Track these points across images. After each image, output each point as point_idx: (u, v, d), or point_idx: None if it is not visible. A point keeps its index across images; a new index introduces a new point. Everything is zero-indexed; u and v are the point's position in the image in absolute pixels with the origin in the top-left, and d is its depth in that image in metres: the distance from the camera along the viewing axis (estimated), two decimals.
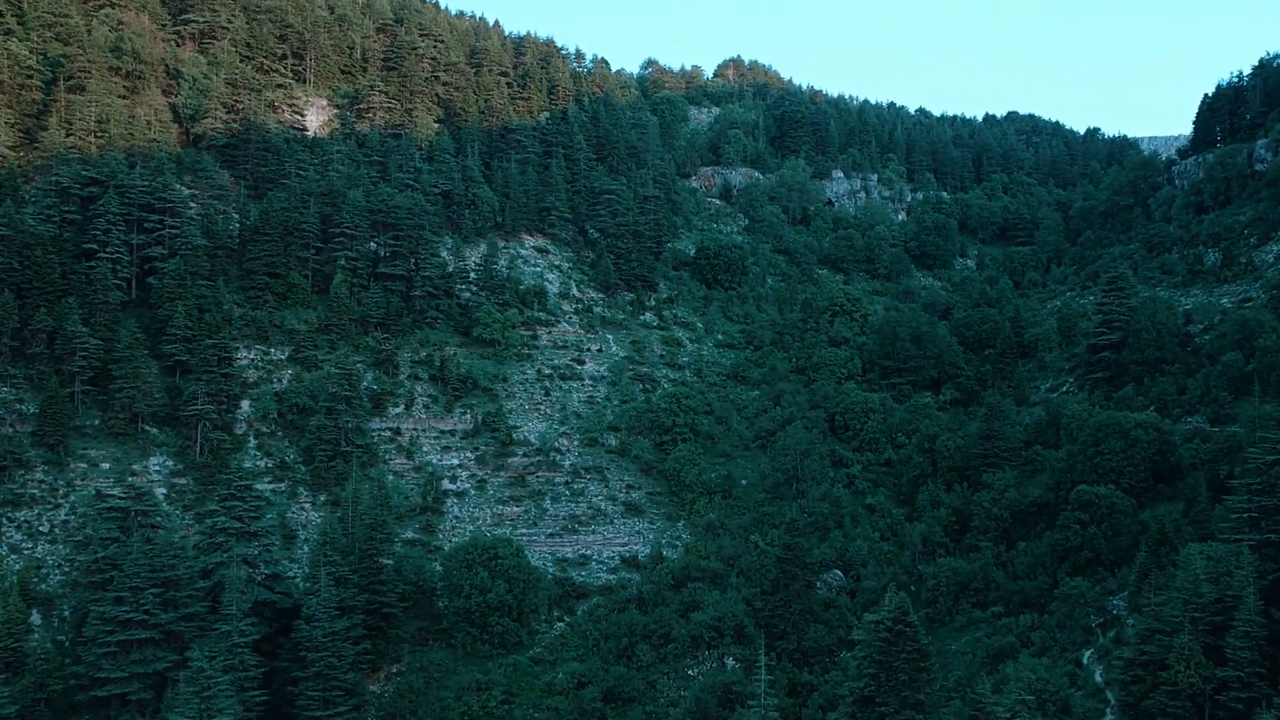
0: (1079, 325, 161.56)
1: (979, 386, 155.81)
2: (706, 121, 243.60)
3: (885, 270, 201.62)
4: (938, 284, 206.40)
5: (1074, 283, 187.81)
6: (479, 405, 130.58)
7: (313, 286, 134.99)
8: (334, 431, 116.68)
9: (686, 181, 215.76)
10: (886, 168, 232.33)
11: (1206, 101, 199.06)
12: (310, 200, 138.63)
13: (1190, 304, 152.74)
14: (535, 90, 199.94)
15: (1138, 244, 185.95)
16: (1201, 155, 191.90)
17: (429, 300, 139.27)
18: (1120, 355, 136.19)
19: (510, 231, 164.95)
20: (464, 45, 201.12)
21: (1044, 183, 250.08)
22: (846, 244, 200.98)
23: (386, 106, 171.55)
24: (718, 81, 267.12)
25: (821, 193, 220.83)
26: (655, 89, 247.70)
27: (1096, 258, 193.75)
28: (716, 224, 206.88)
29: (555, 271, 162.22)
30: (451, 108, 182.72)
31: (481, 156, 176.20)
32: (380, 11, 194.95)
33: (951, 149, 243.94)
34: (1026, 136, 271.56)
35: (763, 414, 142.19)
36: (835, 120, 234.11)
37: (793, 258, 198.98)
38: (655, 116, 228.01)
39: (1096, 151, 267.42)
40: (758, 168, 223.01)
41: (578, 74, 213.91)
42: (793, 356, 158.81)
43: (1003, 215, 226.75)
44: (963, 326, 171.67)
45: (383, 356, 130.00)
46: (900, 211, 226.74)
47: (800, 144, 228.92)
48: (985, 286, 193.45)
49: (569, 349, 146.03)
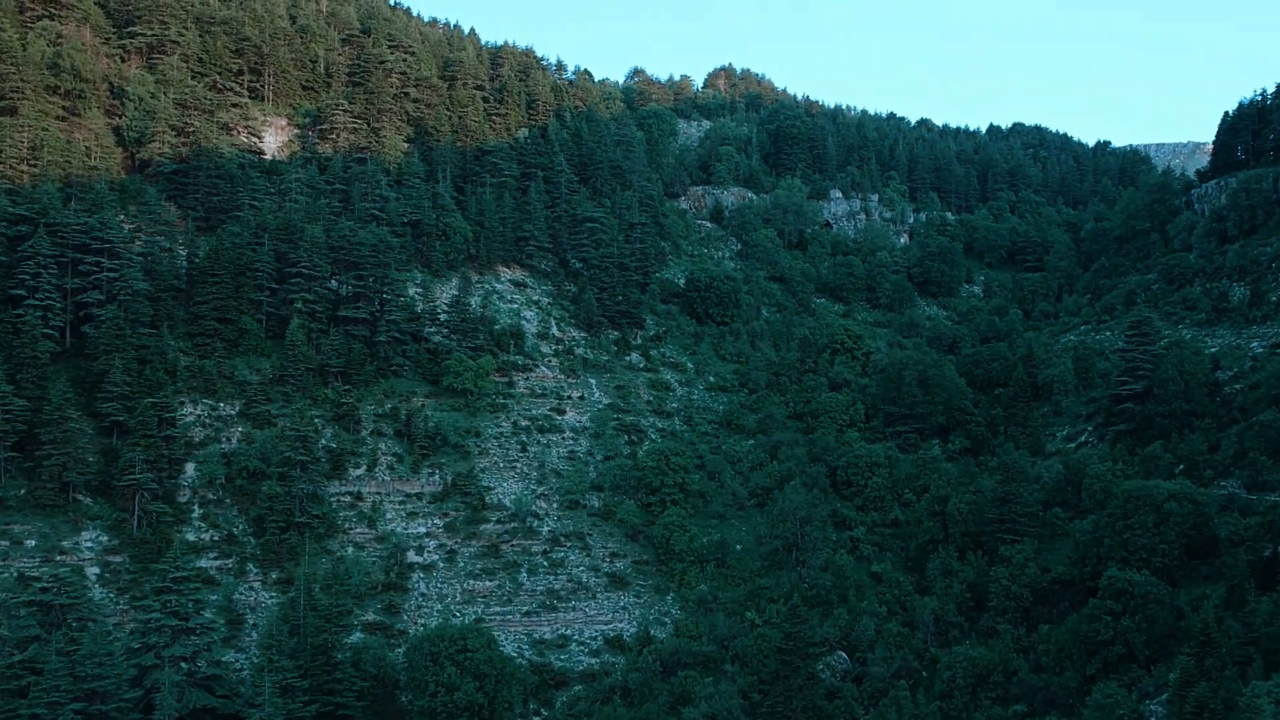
0: (1096, 365, 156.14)
1: (990, 433, 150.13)
2: (696, 136, 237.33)
3: (887, 300, 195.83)
4: (943, 314, 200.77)
5: (1088, 314, 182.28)
6: (449, 464, 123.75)
7: (267, 332, 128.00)
8: (287, 500, 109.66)
9: (675, 202, 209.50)
10: (888, 186, 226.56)
11: (1227, 121, 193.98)
12: (265, 236, 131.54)
13: (1216, 346, 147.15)
14: (513, 105, 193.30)
15: (1156, 274, 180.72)
16: (1223, 179, 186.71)
17: (395, 346, 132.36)
18: (1145, 407, 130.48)
19: (485, 263, 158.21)
20: (436, 57, 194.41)
21: (1053, 201, 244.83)
22: (846, 271, 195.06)
23: (351, 127, 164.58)
24: (708, 93, 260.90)
25: (819, 214, 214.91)
26: (642, 101, 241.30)
27: (1112, 287, 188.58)
28: (707, 249, 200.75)
29: (533, 308, 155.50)
30: (422, 126, 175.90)
31: (454, 181, 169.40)
32: (346, 21, 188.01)
33: (955, 165, 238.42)
34: (1034, 151, 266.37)
35: (758, 468, 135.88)
36: (833, 136, 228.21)
37: (789, 286, 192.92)
38: (641, 131, 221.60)
39: (1107, 167, 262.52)
40: (751, 187, 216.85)
41: (559, 87, 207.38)
42: (790, 400, 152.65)
43: (1010, 238, 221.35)
44: (971, 364, 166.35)
45: (343, 410, 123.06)
46: (903, 234, 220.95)
47: (796, 161, 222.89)
48: (994, 318, 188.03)
49: (548, 397, 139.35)
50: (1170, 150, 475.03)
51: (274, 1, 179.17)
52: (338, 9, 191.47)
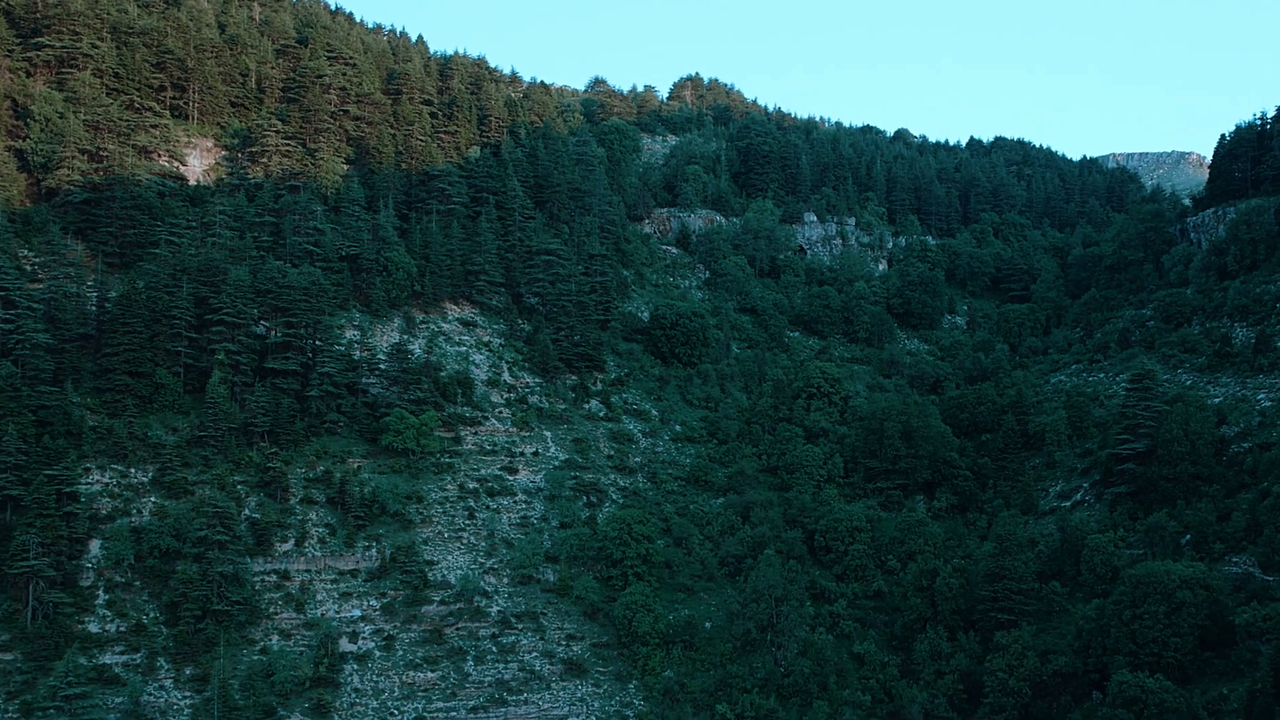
0: (1090, 413, 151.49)
1: (978, 487, 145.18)
2: (661, 153, 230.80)
3: (866, 333, 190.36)
4: (924, 348, 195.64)
5: (1080, 352, 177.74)
6: (387, 535, 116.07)
7: (185, 387, 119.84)
8: (204, 585, 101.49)
9: (638, 226, 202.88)
10: (865, 209, 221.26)
11: (1224, 146, 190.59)
12: (184, 278, 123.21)
13: (1220, 397, 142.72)
14: (464, 121, 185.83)
15: (1151, 310, 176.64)
16: (1221, 208, 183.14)
17: (328, 400, 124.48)
18: (1148, 469, 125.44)
19: (431, 301, 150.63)
20: (380, 69, 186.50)
21: (1038, 222, 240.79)
22: (822, 303, 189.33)
23: (284, 149, 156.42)
24: (673, 105, 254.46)
25: (792, 239, 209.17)
26: (603, 114, 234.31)
27: (1103, 321, 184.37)
28: (673, 277, 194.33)
29: (484, 350, 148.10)
30: (364, 146, 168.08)
31: (398, 208, 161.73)
32: (281, 30, 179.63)
33: (936, 185, 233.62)
34: (1017, 168, 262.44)
35: (730, 533, 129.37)
36: (807, 154, 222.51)
37: (761, 319, 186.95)
38: (603, 148, 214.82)
39: (1094, 186, 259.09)
40: (719, 209, 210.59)
41: (513, 101, 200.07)
42: (763, 452, 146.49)
43: (994, 264, 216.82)
44: (955, 408, 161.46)
45: (270, 476, 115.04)
46: (881, 260, 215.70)
47: (767, 182, 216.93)
48: (979, 355, 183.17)
49: (499, 454, 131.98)
50: (1154, 160, 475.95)
51: (200, 9, 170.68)
52: (272, 16, 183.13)
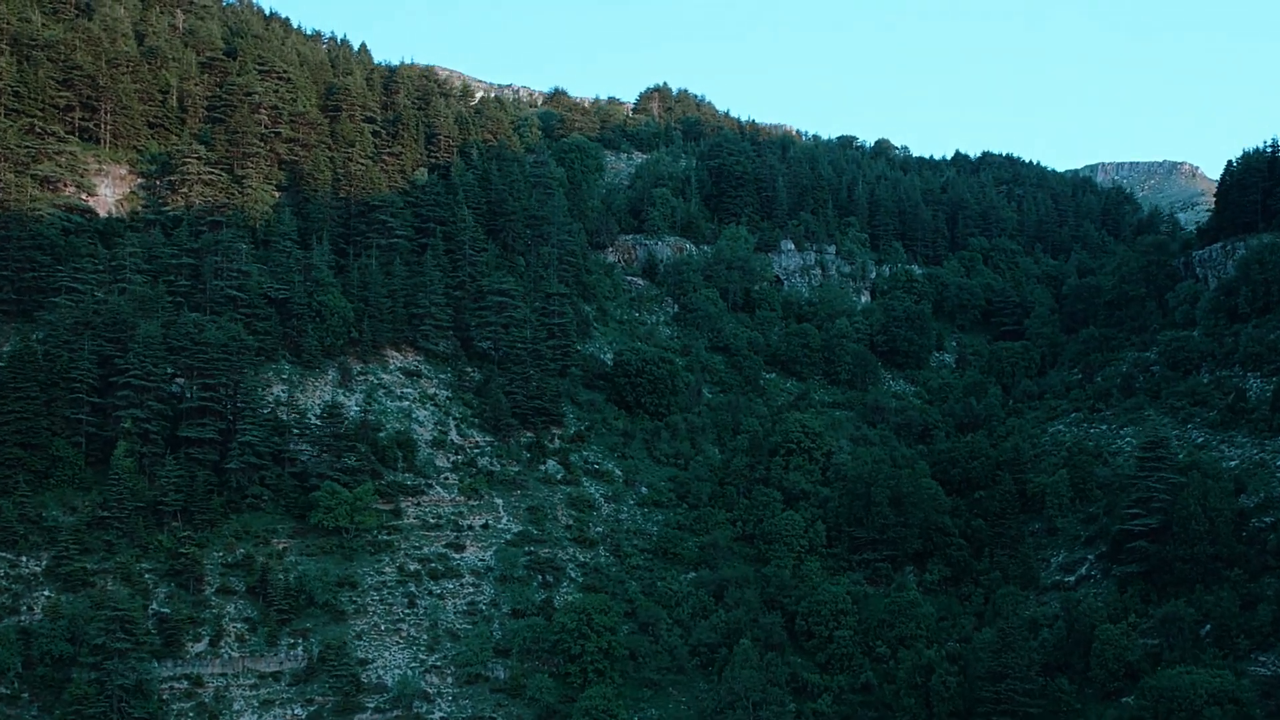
0: (1093, 472, 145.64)
1: (973, 556, 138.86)
2: (626, 172, 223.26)
3: (848, 374, 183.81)
4: (911, 389, 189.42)
5: (1079, 398, 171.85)
6: (316, 630, 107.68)
7: (86, 459, 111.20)
8: (102, 701, 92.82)
9: (601, 255, 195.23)
10: (846, 235, 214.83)
11: (1232, 175, 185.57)
12: (86, 334, 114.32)
13: (1236, 460, 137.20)
14: (409, 141, 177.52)
15: (1156, 354, 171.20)
16: (1230, 242, 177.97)
17: (250, 472, 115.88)
18: (1162, 548, 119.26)
19: (371, 348, 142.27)
20: (318, 83, 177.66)
21: (1029, 247, 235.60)
22: (800, 342, 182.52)
23: (207, 177, 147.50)
24: (640, 118, 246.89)
25: (768, 269, 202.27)
26: (563, 130, 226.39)
27: (1103, 363, 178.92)
28: (639, 312, 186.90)
29: (428, 405, 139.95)
30: (297, 172, 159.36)
31: (335, 242, 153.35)
32: (207, 40, 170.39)
33: (922, 208, 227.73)
34: (1007, 188, 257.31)
35: (702, 616, 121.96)
36: (783, 176, 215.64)
37: (734, 359, 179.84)
38: (563, 168, 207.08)
39: (1088, 208, 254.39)
40: (689, 236, 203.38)
41: (464, 117, 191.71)
42: (738, 518, 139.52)
43: (985, 295, 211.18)
44: (946, 462, 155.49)
45: (182, 563, 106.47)
46: (864, 291, 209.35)
47: (741, 206, 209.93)
48: (970, 400, 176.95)
49: (444, 528, 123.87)
50: (1145, 171, 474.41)
51: (116, 18, 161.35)
52: (197, 25, 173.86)
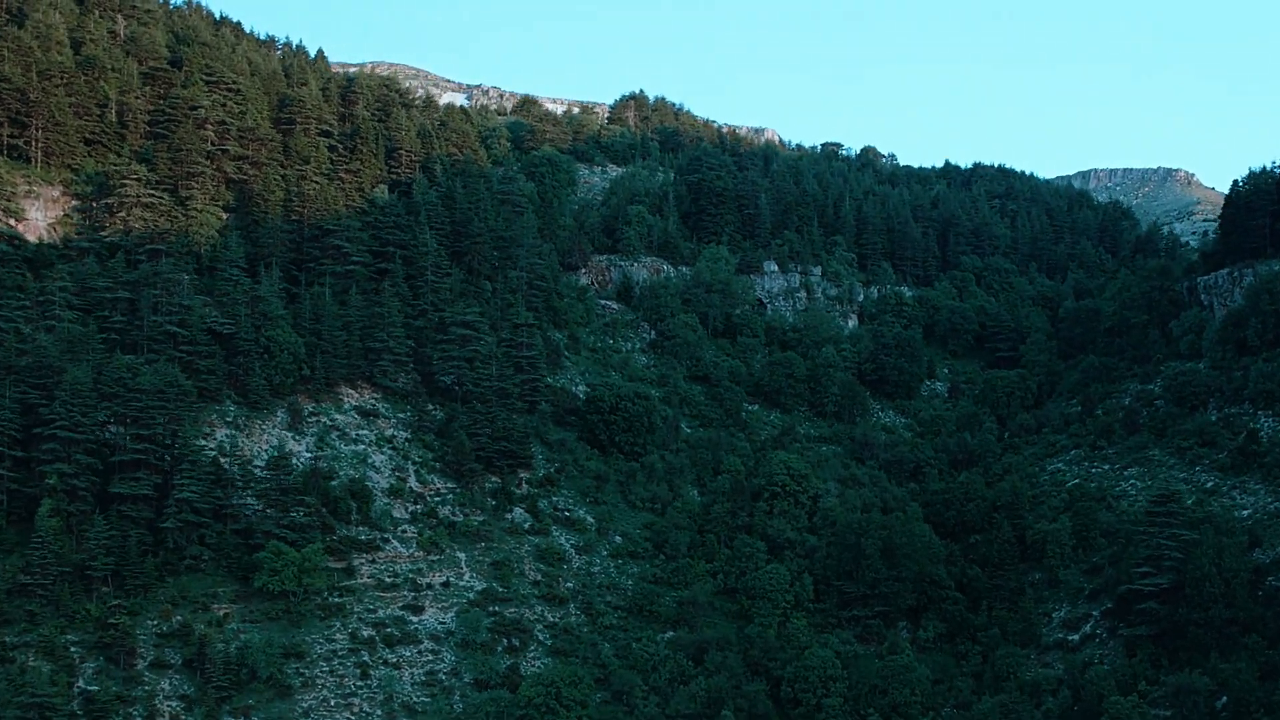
0: (1097, 517, 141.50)
1: (970, 609, 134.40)
2: (600, 186, 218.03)
3: (835, 406, 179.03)
4: (901, 421, 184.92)
5: (1079, 433, 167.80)
6: (259, 708, 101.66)
7: (8, 517, 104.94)
8: None
9: (574, 276, 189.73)
10: (832, 255, 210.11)
11: (1239, 196, 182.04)
12: (8, 380, 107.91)
13: (1249, 508, 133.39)
14: (369, 156, 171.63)
15: (1160, 386, 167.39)
16: (1237, 268, 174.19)
17: (188, 531, 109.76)
18: (1174, 610, 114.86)
19: (324, 385, 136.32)
20: (270, 94, 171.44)
21: (1024, 266, 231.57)
22: (785, 372, 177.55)
23: (148, 199, 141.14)
24: (614, 129, 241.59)
25: (750, 292, 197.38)
26: (533, 141, 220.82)
27: (1104, 395, 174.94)
28: (613, 339, 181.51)
29: (386, 449, 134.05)
30: (247, 192, 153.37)
31: (286, 269, 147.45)
32: (150, 49, 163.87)
33: (911, 225, 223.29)
34: (1000, 203, 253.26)
35: (680, 682, 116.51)
36: (767, 193, 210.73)
37: (715, 389, 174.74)
38: (533, 182, 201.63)
39: (1085, 225, 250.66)
40: (667, 256, 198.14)
41: (428, 131, 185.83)
42: (719, 570, 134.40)
43: (978, 319, 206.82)
44: (940, 504, 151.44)
45: (111, 635, 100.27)
46: (851, 315, 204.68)
47: (722, 225, 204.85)
48: (964, 436, 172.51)
49: (401, 587, 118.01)
50: (1139, 177, 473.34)
51: (50, 25, 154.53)
52: (140, 32, 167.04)
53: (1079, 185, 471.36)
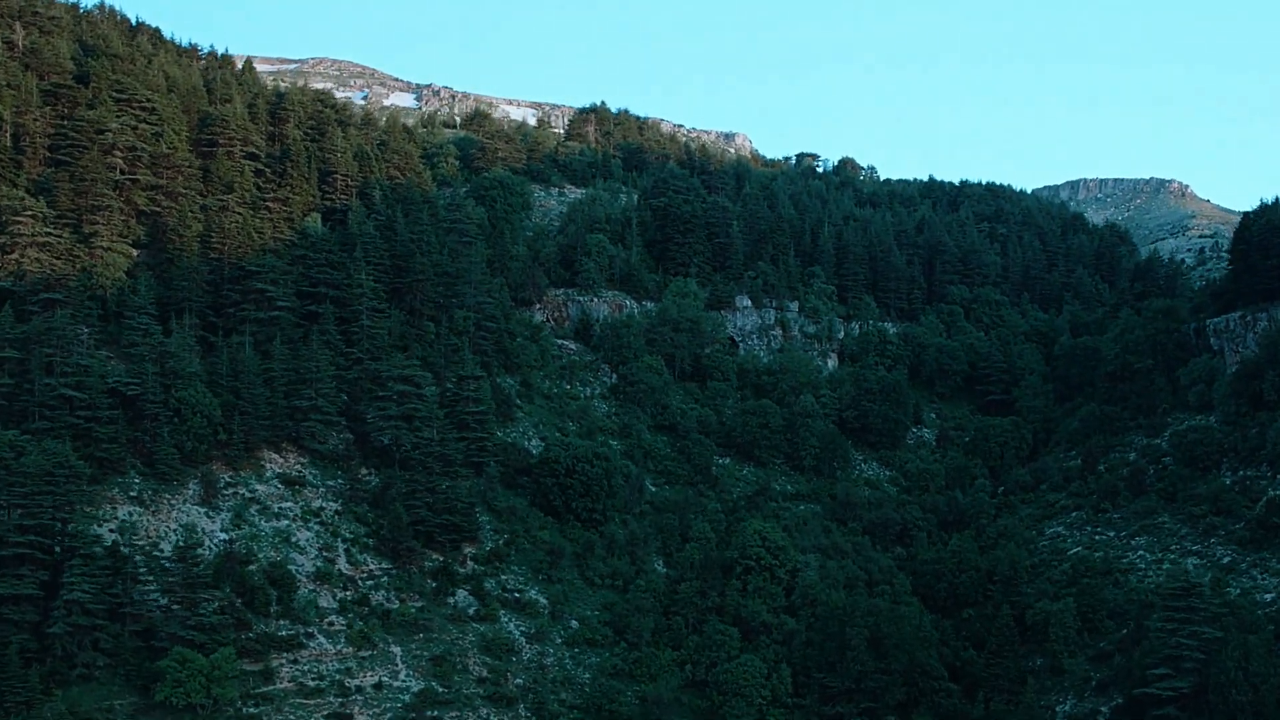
0: (1104, 595, 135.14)
1: (965, 699, 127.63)
2: (557, 210, 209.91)
3: (814, 459, 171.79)
4: (886, 474, 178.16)
5: (1080, 492, 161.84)
6: None
7: None
8: None
9: (527, 313, 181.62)
10: (810, 288, 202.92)
11: (1251, 232, 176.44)
12: None
13: (1273, 590, 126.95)
14: (300, 181, 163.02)
15: (1168, 441, 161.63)
16: (1250, 311, 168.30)
17: (79, 635, 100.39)
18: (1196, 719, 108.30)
19: (243, 451, 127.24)
20: (190, 111, 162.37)
21: (1016, 297, 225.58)
22: (759, 421, 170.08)
23: (44, 238, 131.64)
24: (573, 146, 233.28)
25: (721, 329, 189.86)
26: (484, 161, 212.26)
27: (1106, 449, 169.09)
28: (570, 384, 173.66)
29: (313, 524, 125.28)
30: (160, 226, 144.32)
31: (204, 315, 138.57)
32: (53, 62, 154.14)
33: (895, 253, 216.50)
34: (989, 227, 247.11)
35: None
36: (738, 219, 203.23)
37: (682, 441, 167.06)
38: (483, 207, 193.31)
39: (1080, 250, 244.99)
40: (630, 290, 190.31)
41: (366, 153, 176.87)
42: (687, 659, 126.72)
43: (968, 358, 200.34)
44: (930, 575, 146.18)
45: None
46: (831, 354, 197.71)
47: (690, 255, 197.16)
48: (955, 495, 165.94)
49: (327, 691, 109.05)
50: (1130, 188, 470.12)
51: None
52: (42, 44, 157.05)
53: (1067, 196, 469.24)
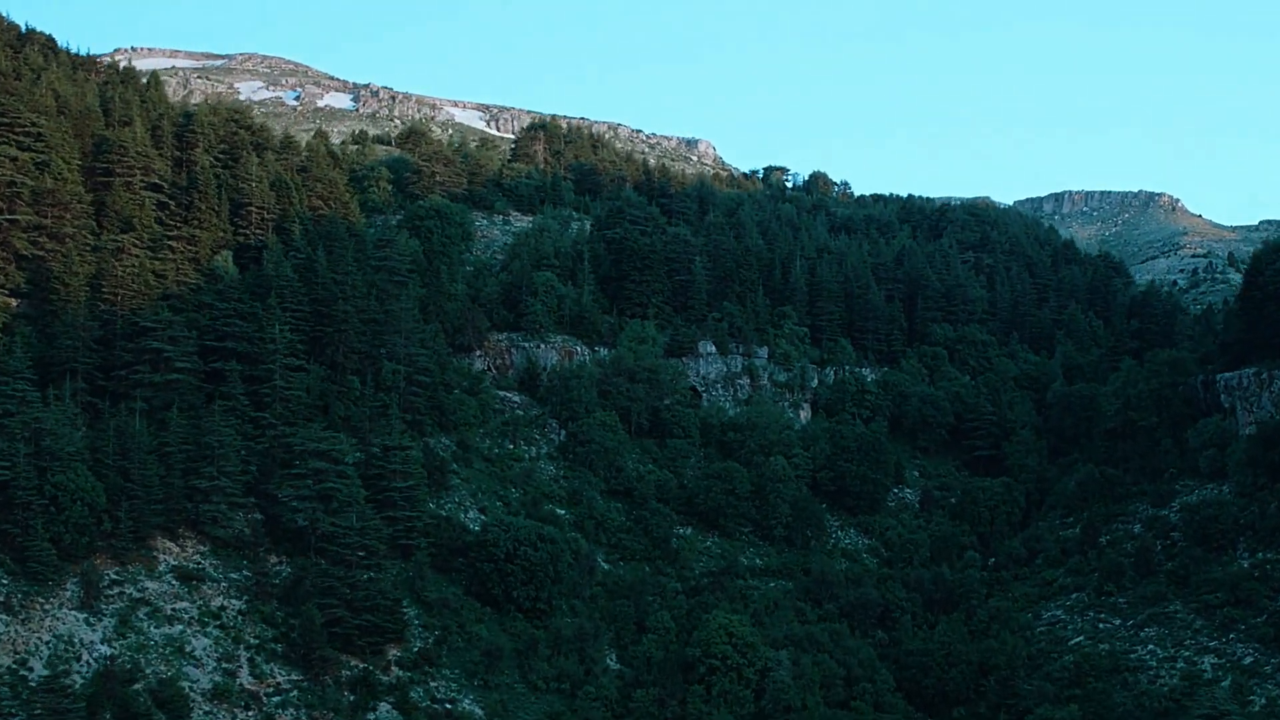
0: (1112, 700, 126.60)
1: None
2: (502, 242, 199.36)
3: (785, 528, 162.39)
4: (864, 543, 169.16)
5: (1080, 568, 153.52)
6: None
7: None
8: None
9: (466, 360, 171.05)
10: (781, 330, 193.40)
11: (1262, 276, 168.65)
12: None
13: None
14: (208, 215, 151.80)
15: (1177, 514, 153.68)
16: (1266, 368, 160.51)
17: None
18: None
19: (133, 541, 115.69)
20: (84, 135, 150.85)
21: (1004, 336, 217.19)
22: (724, 487, 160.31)
23: None
24: (519, 168, 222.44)
25: (682, 378, 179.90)
26: (421, 186, 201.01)
27: (1108, 518, 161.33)
28: (513, 443, 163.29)
29: (211, 628, 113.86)
30: (43, 273, 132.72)
31: (91, 378, 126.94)
32: None
33: (873, 289, 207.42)
34: (974, 257, 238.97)
35: None
36: (702, 253, 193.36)
37: (638, 508, 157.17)
38: (418, 239, 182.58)
39: (1072, 284, 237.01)
40: (581, 334, 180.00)
41: (285, 182, 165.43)
42: None
43: (954, 408, 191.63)
44: (917, 668, 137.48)
45: None
46: (804, 405, 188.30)
47: (649, 294, 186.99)
48: (941, 570, 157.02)
49: None
50: (1118, 201, 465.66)
51: None
52: None
53: (1051, 209, 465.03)
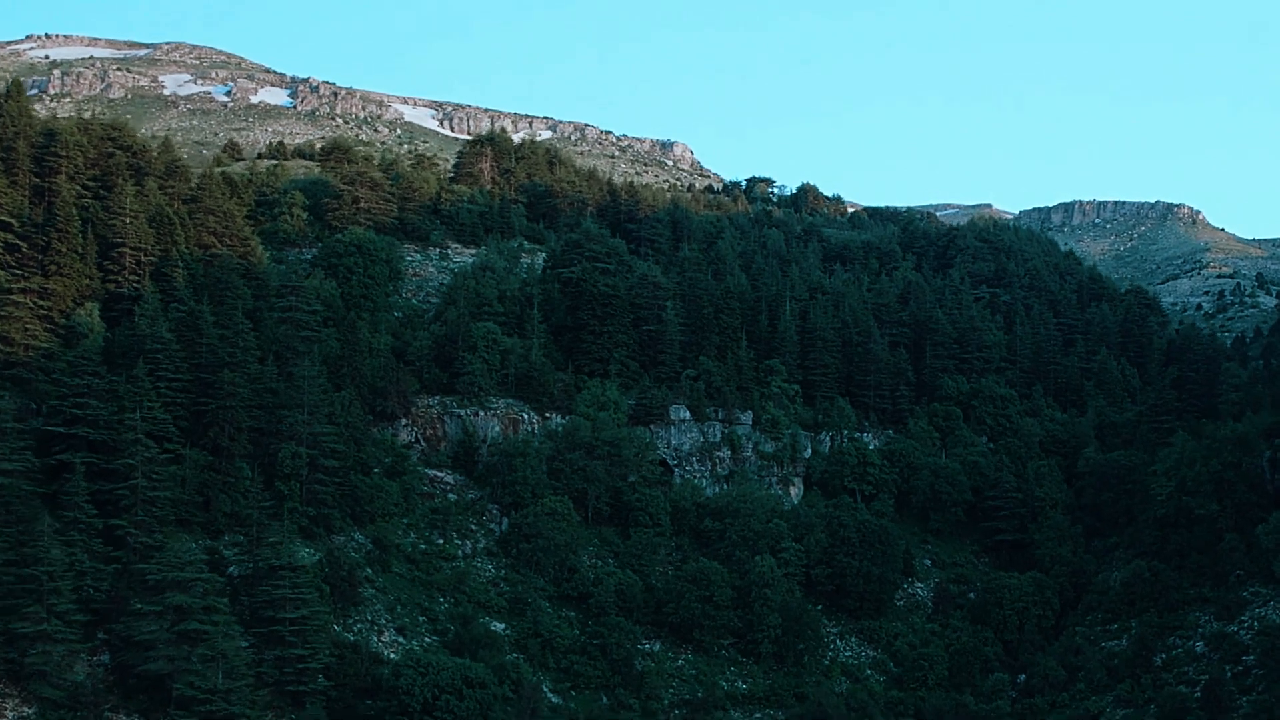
0: None
1: None
2: (437, 281, 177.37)
3: (774, 643, 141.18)
4: (869, 656, 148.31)
5: (1131, 699, 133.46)
6: None
7: None
8: None
9: (390, 430, 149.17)
10: (767, 389, 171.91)
11: None
12: None
13: None
14: (70, 259, 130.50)
15: (1248, 633, 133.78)
16: None
17: None
18: None
19: None
20: None
21: (1027, 389, 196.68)
22: (700, 594, 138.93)
23: None
24: (461, 191, 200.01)
25: (651, 450, 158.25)
26: (339, 216, 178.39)
27: (1162, 630, 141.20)
28: (443, 537, 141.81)
29: None
30: None
31: None
32: None
33: (875, 337, 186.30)
34: (989, 293, 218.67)
35: None
36: (676, 299, 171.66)
37: (594, 620, 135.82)
38: (334, 280, 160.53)
39: (1103, 326, 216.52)
40: (529, 397, 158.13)
41: (168, 215, 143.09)
42: None
43: (971, 482, 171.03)
44: None
45: None
46: (795, 480, 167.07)
47: (610, 348, 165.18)
48: (965, 700, 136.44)
49: None
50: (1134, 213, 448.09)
51: None
52: None
53: (1060, 220, 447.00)
